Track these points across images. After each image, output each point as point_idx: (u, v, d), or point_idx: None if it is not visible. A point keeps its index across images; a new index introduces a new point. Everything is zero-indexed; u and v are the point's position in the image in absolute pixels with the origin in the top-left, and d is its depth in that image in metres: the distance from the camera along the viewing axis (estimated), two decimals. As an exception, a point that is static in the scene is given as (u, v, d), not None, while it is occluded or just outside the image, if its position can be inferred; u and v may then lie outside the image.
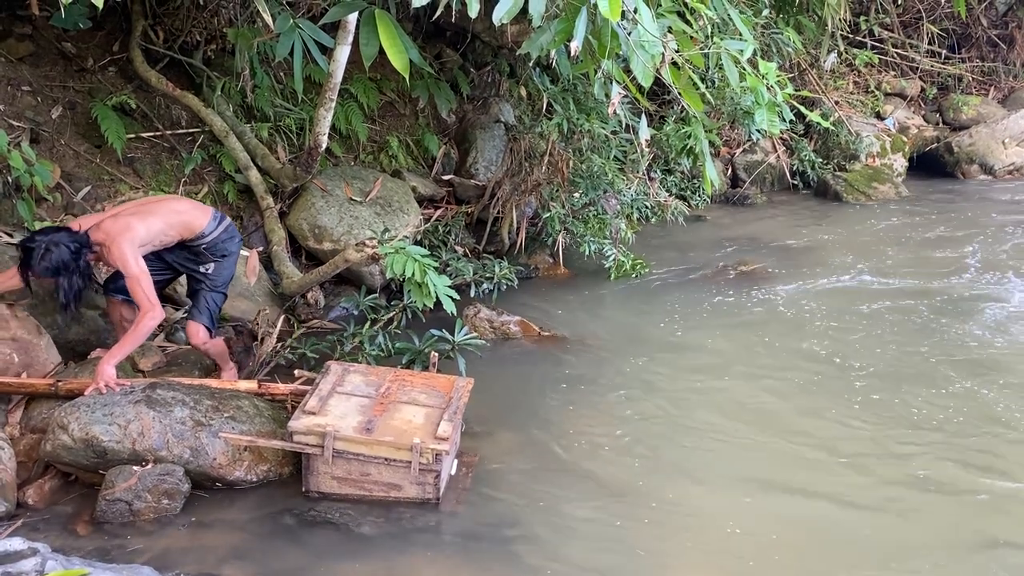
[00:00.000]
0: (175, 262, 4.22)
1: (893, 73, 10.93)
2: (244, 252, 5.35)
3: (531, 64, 6.59)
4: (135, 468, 3.36)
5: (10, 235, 4.58)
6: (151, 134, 5.64)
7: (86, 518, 3.32)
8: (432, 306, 4.51)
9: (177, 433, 3.47)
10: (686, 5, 4.29)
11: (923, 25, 10.77)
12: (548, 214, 6.17)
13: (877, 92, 10.55)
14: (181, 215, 4.08)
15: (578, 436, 4.17)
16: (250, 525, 3.36)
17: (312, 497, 3.51)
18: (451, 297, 4.45)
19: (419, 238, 5.98)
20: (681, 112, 7.14)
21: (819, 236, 7.70)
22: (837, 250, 7.25)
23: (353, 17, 4.59)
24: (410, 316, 4.97)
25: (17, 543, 2.75)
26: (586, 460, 3.96)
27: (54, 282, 3.76)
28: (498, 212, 6.31)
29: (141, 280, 3.78)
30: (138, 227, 3.86)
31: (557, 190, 6.24)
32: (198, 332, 4.14)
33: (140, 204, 4.16)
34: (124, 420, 3.42)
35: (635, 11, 3.50)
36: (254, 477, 3.58)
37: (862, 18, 10.50)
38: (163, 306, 4.81)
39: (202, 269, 4.18)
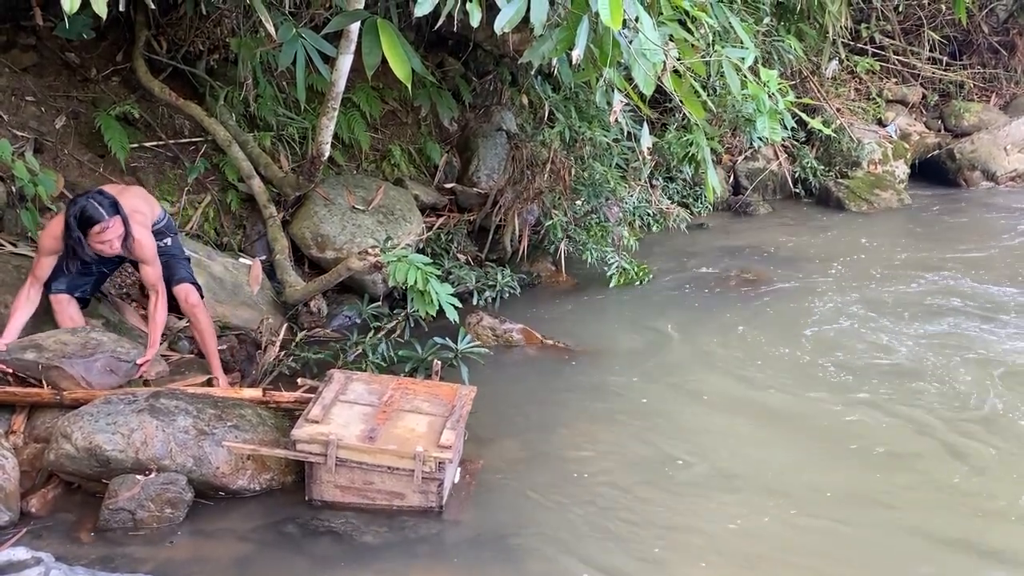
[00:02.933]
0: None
1: (894, 80, 10.95)
2: (247, 261, 5.37)
3: (533, 72, 6.60)
4: (138, 477, 3.35)
5: (14, 244, 4.59)
6: (154, 143, 5.66)
7: (89, 527, 3.31)
8: (435, 314, 4.52)
9: (180, 442, 3.46)
10: (687, 13, 4.31)
11: (924, 32, 10.79)
12: (550, 222, 6.17)
13: (878, 99, 10.56)
14: (148, 199, 4.33)
15: (581, 444, 4.16)
16: (253, 534, 3.35)
17: (315, 506, 3.51)
18: (453, 305, 4.45)
19: (421, 246, 5.99)
20: (683, 120, 7.18)
21: (822, 244, 7.69)
22: (841, 258, 7.24)
23: (355, 26, 4.61)
24: (413, 324, 4.98)
25: (21, 552, 2.76)
26: (590, 467, 3.95)
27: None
28: (500, 220, 6.32)
29: (158, 265, 4.09)
30: (145, 215, 4.10)
31: (559, 198, 6.25)
32: (189, 292, 4.26)
33: (119, 191, 4.18)
34: (127, 429, 3.41)
35: (636, 19, 3.51)
36: (257, 486, 3.58)
37: (863, 25, 10.52)
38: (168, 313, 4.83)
39: (161, 244, 4.29)
